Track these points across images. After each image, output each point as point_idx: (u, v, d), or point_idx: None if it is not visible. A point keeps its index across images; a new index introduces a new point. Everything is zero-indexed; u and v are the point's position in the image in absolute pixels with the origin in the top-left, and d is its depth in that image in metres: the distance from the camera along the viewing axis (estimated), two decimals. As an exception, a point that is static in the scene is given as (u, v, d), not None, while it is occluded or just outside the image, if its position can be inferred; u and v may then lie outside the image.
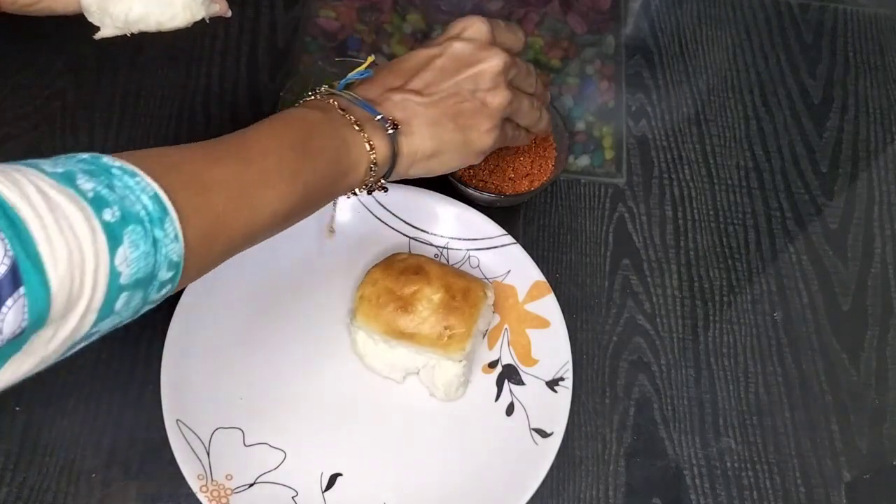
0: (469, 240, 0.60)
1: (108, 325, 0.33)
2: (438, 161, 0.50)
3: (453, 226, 0.60)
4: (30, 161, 0.31)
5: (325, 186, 0.45)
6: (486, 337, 0.57)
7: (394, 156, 0.47)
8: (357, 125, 0.45)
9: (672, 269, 0.63)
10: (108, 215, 0.30)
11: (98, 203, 0.30)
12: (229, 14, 0.50)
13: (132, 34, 0.47)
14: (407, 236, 0.60)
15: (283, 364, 0.55)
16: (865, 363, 0.60)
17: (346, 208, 0.60)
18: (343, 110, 0.46)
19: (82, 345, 0.32)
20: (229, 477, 0.50)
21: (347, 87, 0.49)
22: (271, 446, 0.52)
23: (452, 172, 0.60)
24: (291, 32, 0.72)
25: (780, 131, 0.71)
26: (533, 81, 0.53)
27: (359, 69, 0.51)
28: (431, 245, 0.60)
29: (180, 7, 0.44)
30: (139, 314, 0.35)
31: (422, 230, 0.60)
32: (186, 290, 0.54)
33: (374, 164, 0.46)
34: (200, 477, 0.49)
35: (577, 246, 0.63)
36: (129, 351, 0.56)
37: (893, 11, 0.79)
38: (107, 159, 0.33)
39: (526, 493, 0.50)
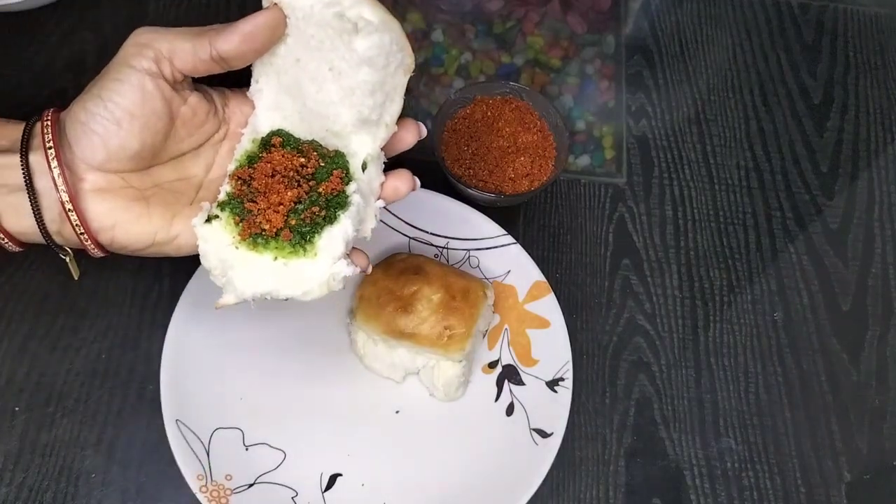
0: (469, 240, 0.59)
1: None
2: None
3: (453, 226, 0.60)
4: None
5: None
6: (486, 337, 0.57)
7: None
8: None
9: (672, 269, 0.63)
10: None
11: None
12: (370, 270, 0.45)
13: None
14: (407, 236, 0.60)
15: (282, 364, 0.55)
16: (866, 363, 0.60)
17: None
18: None
19: None
20: (229, 477, 0.50)
21: None
22: (271, 446, 0.52)
23: (452, 172, 0.60)
24: (291, 32, 0.71)
25: (781, 131, 0.71)
26: None
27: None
28: (431, 245, 0.60)
29: (315, 284, 0.41)
30: None
31: (422, 230, 0.60)
32: (186, 289, 0.54)
33: None
34: (200, 477, 0.49)
35: (577, 246, 0.63)
36: (129, 351, 0.56)
37: (893, 11, 0.79)
38: None
39: (526, 493, 0.50)
